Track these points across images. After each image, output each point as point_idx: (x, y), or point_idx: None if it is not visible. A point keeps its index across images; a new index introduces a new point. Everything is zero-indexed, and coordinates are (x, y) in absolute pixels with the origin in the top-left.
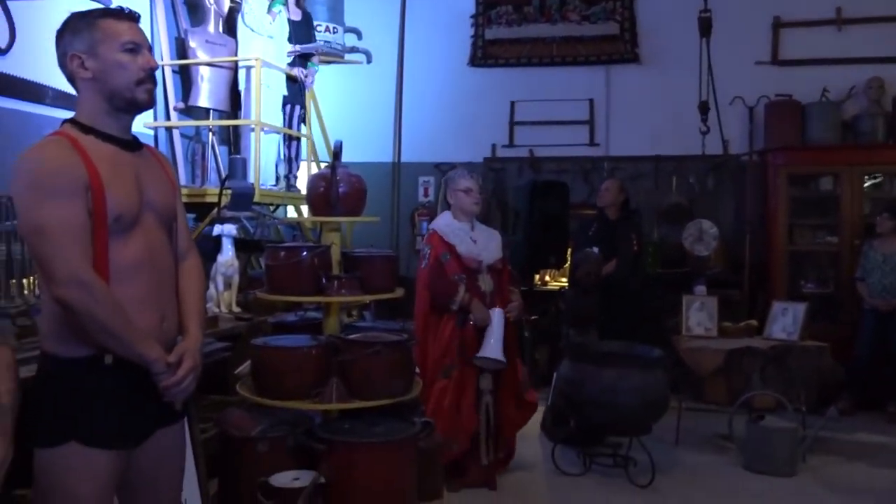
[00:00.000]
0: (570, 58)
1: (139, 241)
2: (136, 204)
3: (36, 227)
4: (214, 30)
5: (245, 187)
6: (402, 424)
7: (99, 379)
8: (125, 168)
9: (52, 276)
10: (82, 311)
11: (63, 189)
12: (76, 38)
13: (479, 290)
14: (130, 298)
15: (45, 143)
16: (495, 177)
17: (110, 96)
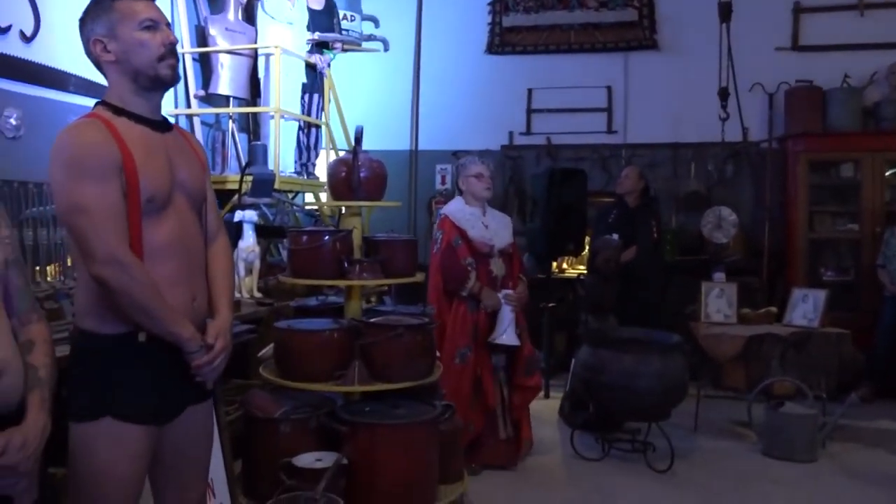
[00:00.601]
0: (588, 45)
1: (171, 222)
2: (168, 184)
3: (74, 206)
4: (234, 17)
5: (265, 174)
6: (424, 407)
7: (132, 356)
8: (157, 149)
9: (90, 254)
10: (118, 290)
11: (98, 170)
12: (96, 23)
13: (490, 274)
14: (163, 278)
15: (80, 125)
16: (512, 164)
17: (135, 75)
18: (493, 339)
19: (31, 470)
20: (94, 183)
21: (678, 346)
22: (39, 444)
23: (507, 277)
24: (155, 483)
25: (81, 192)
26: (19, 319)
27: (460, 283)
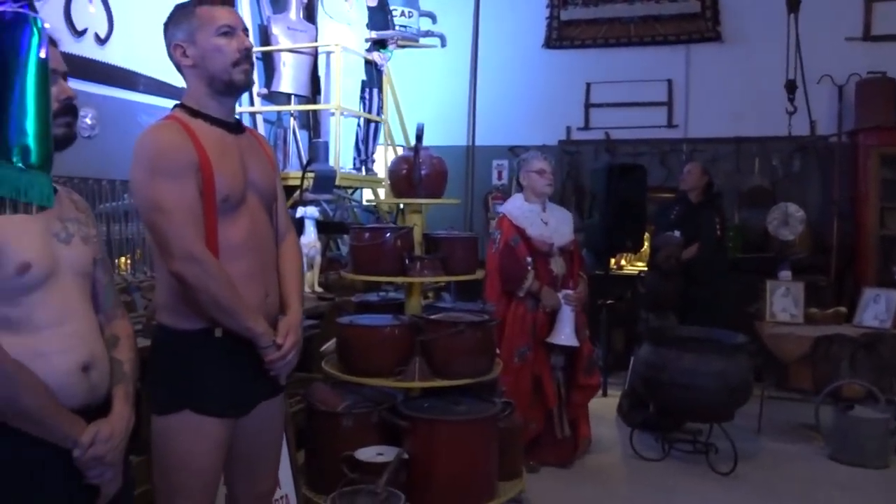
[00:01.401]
0: (649, 37)
1: (244, 221)
2: (242, 184)
3: (153, 204)
4: (296, 16)
5: (327, 171)
6: (484, 404)
7: (210, 351)
8: (231, 150)
9: (169, 251)
10: (196, 286)
11: (177, 169)
12: (178, 28)
13: (550, 273)
14: (237, 275)
15: (159, 127)
16: (570, 160)
17: (210, 80)
18: (552, 340)
19: (116, 461)
20: (172, 182)
21: (743, 346)
22: (125, 436)
23: (568, 276)
24: (228, 475)
25: (160, 192)
26: (105, 315)
27: (518, 283)
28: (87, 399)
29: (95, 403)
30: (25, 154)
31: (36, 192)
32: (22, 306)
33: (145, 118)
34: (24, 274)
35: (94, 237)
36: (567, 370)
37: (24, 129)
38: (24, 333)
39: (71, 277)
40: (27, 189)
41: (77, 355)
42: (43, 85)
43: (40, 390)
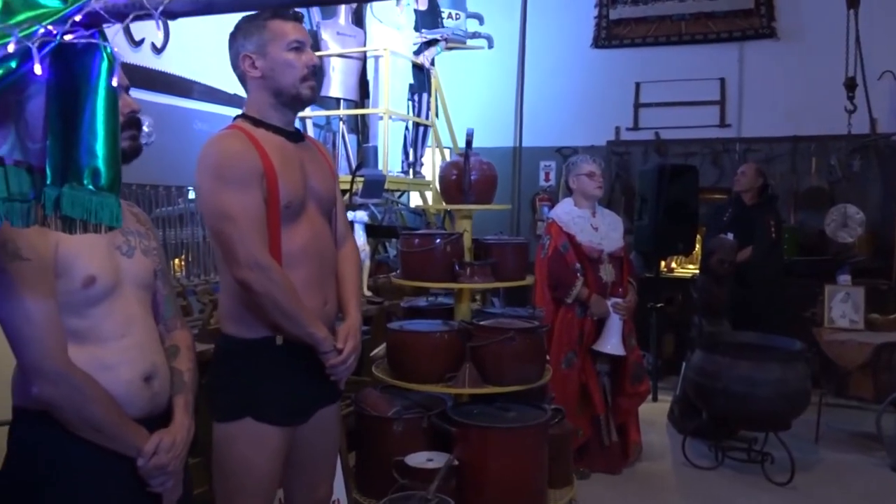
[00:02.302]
0: (701, 35)
1: (305, 228)
2: (303, 192)
3: (219, 212)
4: (345, 21)
5: (377, 175)
6: (534, 411)
7: (271, 359)
8: (292, 158)
9: (235, 259)
10: (261, 293)
11: (242, 178)
12: (247, 40)
13: (600, 280)
14: (298, 282)
15: (223, 136)
16: (619, 161)
17: (278, 92)
18: (599, 348)
19: (178, 469)
20: (237, 191)
21: (800, 353)
22: (186, 446)
23: (617, 283)
24: (285, 481)
25: (226, 200)
26: (165, 326)
27: (567, 290)
28: (148, 408)
29: (157, 412)
30: (96, 176)
31: (106, 213)
32: (88, 318)
33: (199, 124)
34: (89, 287)
35: (154, 249)
36: (614, 377)
37: (94, 152)
38: (89, 345)
39: (133, 289)
40: (98, 210)
41: (140, 366)
42: (112, 109)
43: (107, 401)
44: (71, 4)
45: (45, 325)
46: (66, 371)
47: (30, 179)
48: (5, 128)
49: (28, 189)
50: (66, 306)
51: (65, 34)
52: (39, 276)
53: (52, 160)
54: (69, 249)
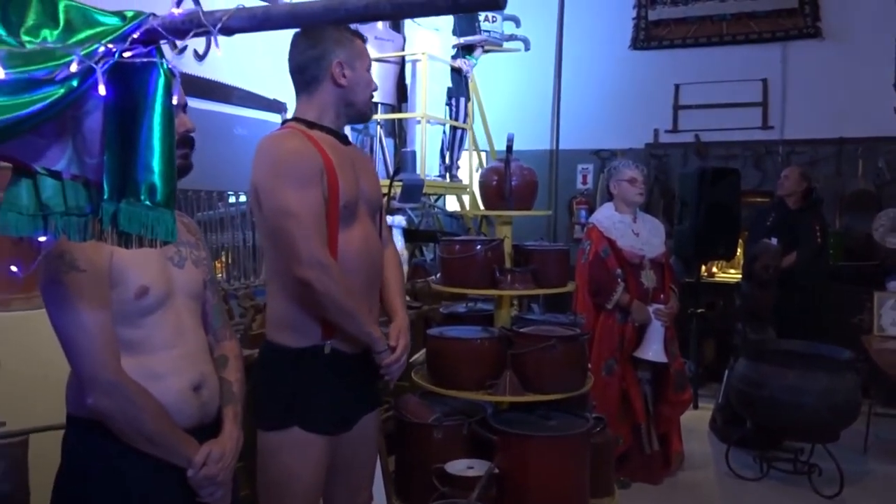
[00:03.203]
0: (742, 36)
1: (359, 230)
2: (356, 193)
3: (281, 210)
4: (383, 26)
5: (415, 180)
6: (576, 419)
7: (319, 368)
8: (346, 159)
9: (296, 256)
10: (321, 291)
11: (303, 175)
12: (339, 47)
13: (641, 286)
14: (350, 289)
15: (282, 135)
16: (658, 163)
17: (349, 105)
18: (640, 355)
19: (227, 480)
20: (299, 188)
21: (849, 362)
22: (235, 456)
23: (659, 289)
24: (327, 488)
25: (288, 197)
26: (214, 336)
27: (608, 296)
28: (198, 418)
29: (206, 422)
30: (152, 192)
31: (162, 228)
32: (140, 328)
33: (239, 129)
34: (142, 297)
35: (204, 259)
36: (656, 385)
37: (150, 168)
38: (141, 354)
39: (184, 300)
40: (154, 225)
41: (189, 376)
42: (168, 126)
43: (159, 412)
44: (129, 22)
45: (99, 336)
46: (120, 382)
47: (86, 194)
48: (63, 143)
49: (85, 203)
50: (119, 316)
51: (123, 52)
52: (95, 287)
53: (109, 175)
54: (123, 260)
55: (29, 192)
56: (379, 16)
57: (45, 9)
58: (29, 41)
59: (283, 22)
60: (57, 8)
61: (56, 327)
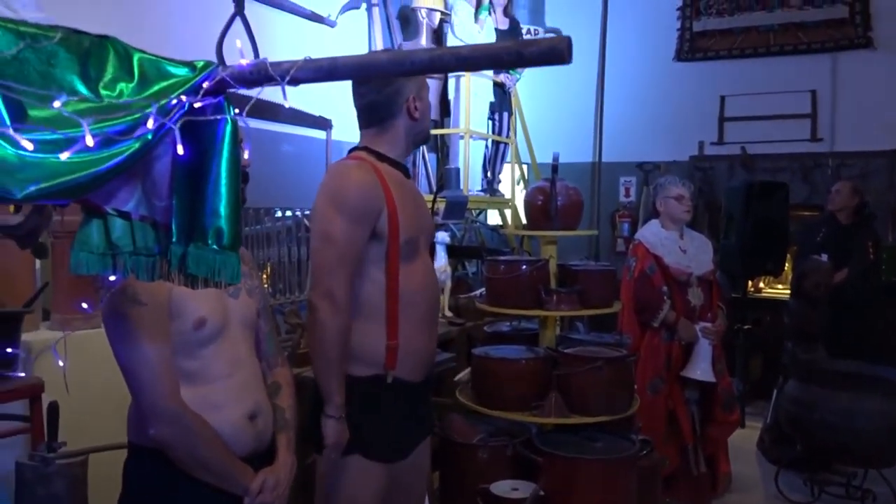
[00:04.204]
0: (790, 46)
1: (420, 263)
2: (417, 227)
3: (324, 234)
4: (426, 42)
5: (459, 197)
6: (623, 442)
7: (380, 396)
8: (408, 194)
9: (317, 281)
10: (321, 324)
11: (358, 211)
12: (411, 82)
13: (688, 304)
14: (412, 321)
15: (353, 166)
16: (703, 176)
17: (418, 133)
18: (687, 374)
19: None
20: (350, 221)
21: None
22: (289, 484)
23: (706, 307)
24: None
25: (335, 225)
26: (267, 363)
27: (654, 313)
28: (253, 446)
29: (260, 450)
30: (219, 236)
31: (228, 271)
32: (198, 359)
33: (286, 147)
34: (200, 329)
35: (257, 288)
36: (703, 404)
37: (217, 213)
38: (199, 385)
39: (239, 329)
40: (220, 269)
41: (245, 405)
42: (235, 171)
43: (217, 442)
44: (200, 72)
45: (160, 368)
46: (181, 413)
47: (154, 234)
48: (132, 184)
49: (153, 243)
50: (178, 347)
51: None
52: (156, 320)
53: (177, 219)
54: (182, 293)
55: (99, 232)
56: (443, 68)
57: (121, 63)
58: (107, 95)
59: (348, 73)
60: (132, 61)
61: (119, 359)
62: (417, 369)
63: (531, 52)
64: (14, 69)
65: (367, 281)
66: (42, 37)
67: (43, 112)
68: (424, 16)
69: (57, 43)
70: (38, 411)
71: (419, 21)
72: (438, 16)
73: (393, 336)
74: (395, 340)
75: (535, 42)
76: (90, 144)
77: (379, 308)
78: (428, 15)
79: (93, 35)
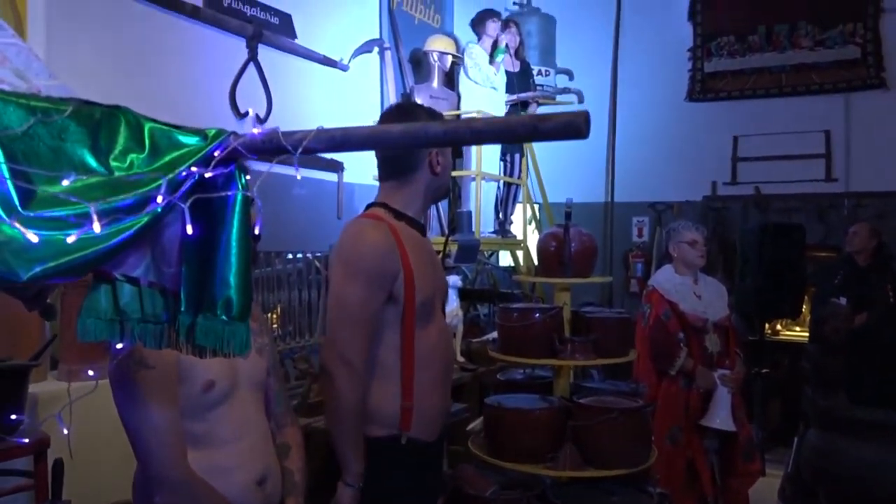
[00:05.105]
0: (803, 87)
1: (435, 326)
2: (433, 288)
3: (339, 299)
4: (438, 85)
5: (471, 241)
6: (641, 495)
7: (398, 457)
8: (424, 254)
9: (331, 344)
10: (336, 389)
11: (374, 275)
12: None
13: (705, 351)
14: (426, 383)
15: (368, 226)
16: (716, 216)
17: (437, 188)
18: (707, 423)
19: None
20: (365, 285)
21: None
22: None
23: (723, 353)
24: None
25: (350, 290)
26: (276, 422)
27: (671, 361)
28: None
29: None
30: (228, 306)
31: (237, 342)
32: (205, 422)
33: (298, 190)
34: (209, 391)
35: (267, 345)
36: (723, 454)
37: (227, 283)
38: (206, 448)
39: (248, 390)
40: (229, 339)
41: (254, 469)
42: (245, 240)
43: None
44: (211, 142)
45: (168, 434)
46: (188, 481)
47: (163, 302)
48: (142, 251)
49: (161, 311)
50: (186, 411)
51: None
52: (163, 384)
53: (186, 287)
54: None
55: (107, 298)
56: (458, 141)
57: (132, 134)
58: (117, 167)
59: (360, 144)
60: (143, 131)
61: (125, 424)
62: (432, 428)
63: (547, 127)
64: (24, 145)
65: (383, 343)
66: (53, 111)
67: (52, 188)
68: (436, 59)
69: (68, 116)
70: (42, 468)
71: (431, 64)
72: (450, 59)
73: (408, 397)
74: (410, 401)
75: (552, 117)
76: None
77: (394, 369)
78: (440, 58)
79: (104, 106)
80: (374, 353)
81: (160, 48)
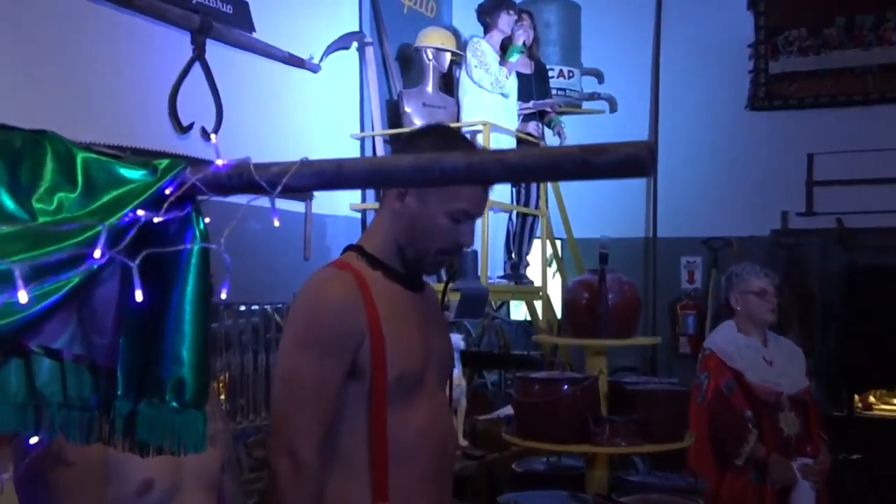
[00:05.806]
0: (894, 93)
1: (422, 407)
2: (421, 359)
3: (284, 373)
4: (433, 90)
5: (477, 290)
6: None
7: None
8: (409, 314)
9: (275, 433)
10: (279, 490)
11: (326, 342)
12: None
13: (780, 433)
14: (410, 481)
15: (329, 281)
16: (788, 256)
17: (407, 245)
18: None
19: None
20: (318, 355)
21: None
22: None
23: (803, 436)
24: None
25: (299, 361)
26: None
27: (737, 447)
28: None
29: None
30: (180, 390)
31: (191, 437)
32: None
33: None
34: (145, 494)
35: (221, 433)
36: None
37: (179, 358)
38: None
39: (195, 491)
40: (181, 433)
41: None
42: (203, 300)
43: None
44: (162, 177)
45: None
46: None
47: (92, 381)
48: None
49: (90, 394)
50: None
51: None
52: (85, 485)
53: (124, 363)
54: None
55: (19, 376)
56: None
57: (60, 166)
58: (42, 209)
59: (358, 181)
60: (75, 164)
61: None
62: None
63: (602, 161)
64: None
65: (345, 430)
66: None
67: None
68: (431, 57)
69: None
70: None
71: (424, 63)
72: (449, 57)
73: (380, 497)
74: (385, 502)
75: (606, 149)
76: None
77: (362, 462)
78: (435, 56)
79: (27, 131)
80: (335, 444)
81: (78, 43)
